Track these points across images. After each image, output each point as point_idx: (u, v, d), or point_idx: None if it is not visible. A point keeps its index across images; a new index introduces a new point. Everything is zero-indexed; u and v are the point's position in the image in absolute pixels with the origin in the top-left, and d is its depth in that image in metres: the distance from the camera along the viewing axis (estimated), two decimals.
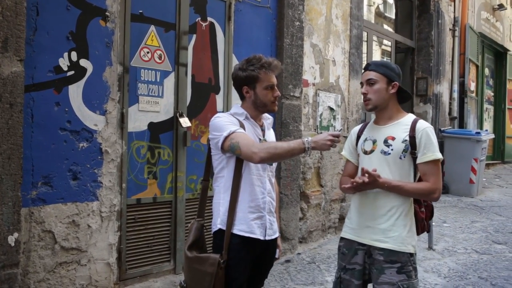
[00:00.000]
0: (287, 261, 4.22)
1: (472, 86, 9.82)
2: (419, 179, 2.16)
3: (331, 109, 5.12)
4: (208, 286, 2.02)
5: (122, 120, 3.23)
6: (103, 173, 3.10)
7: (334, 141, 1.99)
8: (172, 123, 3.59)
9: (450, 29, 8.51)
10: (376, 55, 8.22)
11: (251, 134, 2.14)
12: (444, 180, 7.67)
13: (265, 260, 2.25)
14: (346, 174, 2.35)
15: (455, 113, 8.59)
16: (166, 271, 3.58)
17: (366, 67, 2.26)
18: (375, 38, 7.33)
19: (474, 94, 10.02)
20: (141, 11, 3.36)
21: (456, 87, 8.61)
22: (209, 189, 2.30)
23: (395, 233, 2.10)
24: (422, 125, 2.14)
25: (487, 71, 11.10)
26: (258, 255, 2.17)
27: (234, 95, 3.89)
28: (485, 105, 10.84)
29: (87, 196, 3.02)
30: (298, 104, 4.57)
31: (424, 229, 2.26)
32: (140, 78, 3.37)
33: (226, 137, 2.04)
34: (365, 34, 6.26)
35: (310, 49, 4.82)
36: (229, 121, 2.11)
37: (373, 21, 8.01)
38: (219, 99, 3.96)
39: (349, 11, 5.45)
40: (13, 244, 2.54)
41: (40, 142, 2.80)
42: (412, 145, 2.11)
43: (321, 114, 4.97)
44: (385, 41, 7.91)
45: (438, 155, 2.09)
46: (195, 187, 3.78)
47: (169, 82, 3.57)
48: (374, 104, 2.19)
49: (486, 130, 9.08)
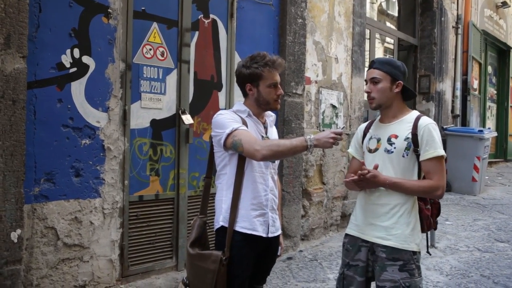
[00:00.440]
0: (289, 258, 4.22)
1: (475, 84, 9.79)
2: (424, 178, 2.14)
3: (334, 107, 5.11)
4: (210, 283, 2.03)
5: (125, 117, 3.23)
6: (106, 170, 3.11)
7: (337, 139, 1.98)
8: (175, 120, 3.59)
9: (453, 27, 8.48)
10: (379, 53, 8.19)
11: (254, 132, 2.14)
12: (447, 178, 7.65)
13: (267, 258, 2.25)
14: (352, 171, 2.34)
15: (458, 111, 8.57)
16: (168, 268, 3.59)
17: (371, 65, 2.23)
18: (378, 36, 7.31)
19: (477, 92, 9.99)
20: (144, 8, 3.36)
21: (459, 85, 8.58)
22: (212, 186, 2.30)
23: (398, 231, 2.09)
24: (424, 122, 2.12)
25: (490, 69, 11.06)
26: (260, 252, 2.17)
27: (237, 92, 3.89)
28: (488, 103, 10.81)
29: (90, 193, 3.03)
30: (301, 102, 4.56)
31: (431, 227, 2.23)
32: (143, 75, 3.37)
33: (229, 135, 2.03)
34: (368, 32, 6.25)
35: (313, 47, 4.81)
36: (232, 119, 2.10)
37: (376, 19, 7.97)
38: (222, 96, 3.96)
39: (352, 9, 5.43)
40: (16, 241, 2.55)
41: (43, 139, 2.80)
42: (415, 143, 2.09)
43: (324, 112, 4.97)
44: (388, 39, 7.89)
45: (441, 152, 2.07)
46: (197, 184, 3.78)
47: (172, 79, 3.57)
48: (378, 103, 2.18)
49: (489, 128, 9.05)
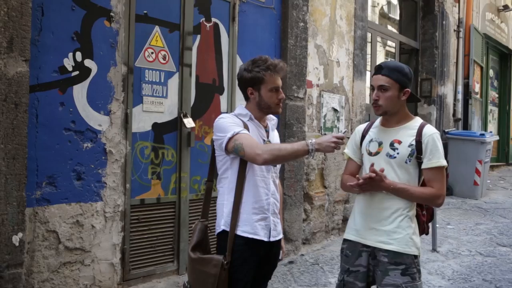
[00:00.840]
0: (291, 262, 4.21)
1: (477, 88, 9.78)
2: (423, 183, 2.16)
3: (335, 110, 5.11)
4: None
5: (126, 121, 3.23)
6: (107, 174, 3.11)
7: (338, 143, 1.97)
8: (176, 124, 3.60)
9: (455, 30, 8.47)
10: (380, 56, 8.18)
11: (255, 135, 2.14)
12: (448, 182, 7.68)
13: (269, 262, 2.24)
14: (348, 173, 2.34)
15: (460, 115, 8.55)
16: (170, 272, 3.58)
17: (379, 70, 2.15)
18: (379, 39, 7.30)
19: (479, 96, 9.98)
20: (146, 12, 3.37)
21: (461, 89, 8.57)
22: (213, 190, 2.30)
23: (400, 235, 2.09)
24: (429, 131, 2.12)
25: (492, 73, 11.06)
26: (262, 257, 2.17)
27: (238, 96, 3.89)
28: (490, 107, 10.80)
29: (91, 197, 3.03)
30: (302, 105, 4.56)
31: (424, 232, 2.27)
32: (145, 79, 3.38)
33: (230, 138, 2.03)
34: (369, 35, 6.25)
35: (314, 50, 4.81)
36: (233, 122, 2.10)
37: (377, 22, 7.97)
38: (223, 100, 3.96)
39: (353, 12, 5.44)
40: (18, 244, 2.55)
41: (45, 142, 2.81)
42: (418, 150, 2.10)
43: (325, 115, 4.97)
44: (389, 42, 7.89)
45: (443, 162, 2.09)
46: (199, 188, 3.78)
47: (173, 83, 3.57)
48: (385, 110, 2.15)
49: (491, 132, 9.03)
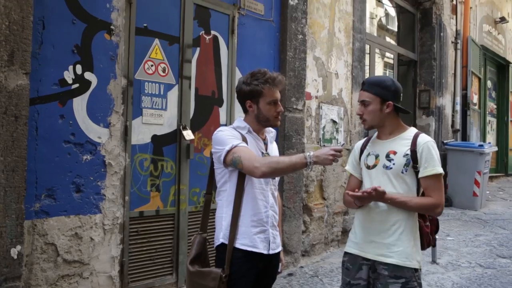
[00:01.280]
0: (290, 275, 4.19)
1: (475, 99, 9.82)
2: (423, 194, 2.16)
3: (334, 122, 5.13)
4: None
5: (126, 133, 3.24)
6: (106, 186, 3.11)
7: (336, 156, 1.97)
8: (175, 136, 3.61)
9: (452, 42, 8.54)
10: (379, 68, 8.24)
11: (254, 148, 2.15)
12: (448, 193, 7.68)
13: (268, 274, 2.24)
14: (350, 189, 2.33)
15: (458, 126, 8.58)
16: (168, 285, 3.56)
17: (362, 86, 2.25)
18: (378, 51, 7.36)
19: (477, 107, 10.02)
20: (146, 25, 3.40)
21: (459, 100, 8.61)
22: (212, 202, 2.30)
23: (400, 248, 2.09)
24: (423, 139, 2.14)
25: (490, 84, 11.11)
26: (261, 269, 2.16)
27: (237, 108, 3.91)
28: (488, 118, 10.83)
29: (90, 209, 3.02)
30: (301, 117, 4.58)
31: (430, 244, 2.25)
32: (144, 91, 3.40)
33: (228, 151, 2.04)
34: (368, 47, 6.30)
35: (313, 62, 4.84)
36: (232, 135, 2.11)
37: (376, 34, 8.03)
38: (222, 112, 3.98)
39: (352, 24, 5.49)
40: (16, 257, 2.54)
41: (44, 155, 2.81)
42: (414, 159, 2.11)
43: (324, 127, 4.98)
44: (388, 54, 7.95)
45: (439, 170, 2.10)
46: (198, 200, 3.78)
47: (173, 95, 3.59)
48: (370, 125, 2.22)
49: (489, 143, 9.04)
